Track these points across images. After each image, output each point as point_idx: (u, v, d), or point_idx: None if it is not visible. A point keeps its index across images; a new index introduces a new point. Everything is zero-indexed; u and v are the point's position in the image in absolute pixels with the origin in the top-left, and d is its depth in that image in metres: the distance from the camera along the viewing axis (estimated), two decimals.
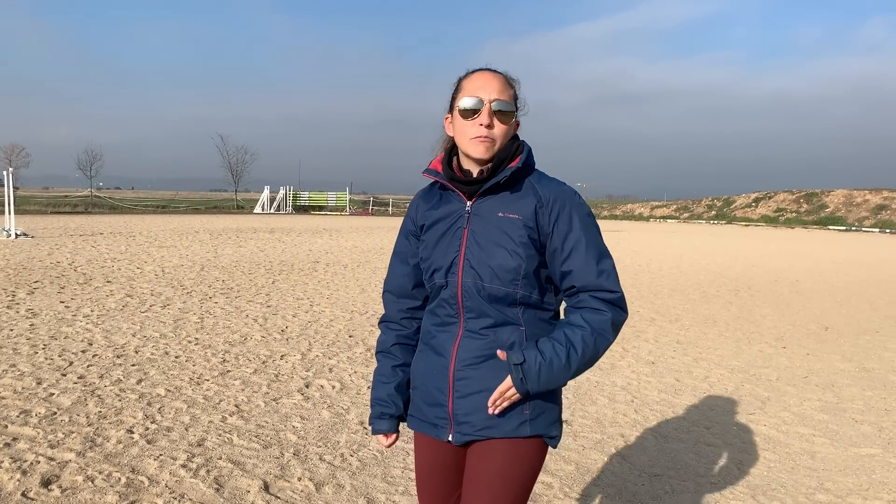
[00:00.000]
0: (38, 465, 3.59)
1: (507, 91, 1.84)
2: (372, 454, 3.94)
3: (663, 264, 16.64)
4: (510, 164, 1.84)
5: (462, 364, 1.84)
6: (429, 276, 1.92)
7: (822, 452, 4.29)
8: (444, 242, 1.89)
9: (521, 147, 1.88)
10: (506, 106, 1.82)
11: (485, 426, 1.83)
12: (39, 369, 5.41)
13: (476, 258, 1.82)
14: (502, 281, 1.79)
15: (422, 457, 2.02)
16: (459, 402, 1.85)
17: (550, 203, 1.81)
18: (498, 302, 1.81)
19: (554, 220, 1.81)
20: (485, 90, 1.82)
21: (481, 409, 1.82)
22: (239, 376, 5.45)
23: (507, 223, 1.81)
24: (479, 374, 1.82)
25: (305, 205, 52.86)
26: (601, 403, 5.11)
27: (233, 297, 9.43)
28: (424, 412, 1.94)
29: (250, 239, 20.81)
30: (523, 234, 1.80)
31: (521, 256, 1.79)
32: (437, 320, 1.91)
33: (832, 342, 7.77)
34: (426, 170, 1.96)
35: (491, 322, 1.83)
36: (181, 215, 40.04)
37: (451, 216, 1.89)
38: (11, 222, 18.79)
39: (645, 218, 62.54)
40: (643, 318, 8.88)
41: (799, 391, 5.66)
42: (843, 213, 51.85)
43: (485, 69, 1.88)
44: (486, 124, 1.80)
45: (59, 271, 11.61)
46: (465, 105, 1.82)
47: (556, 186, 1.85)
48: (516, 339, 1.82)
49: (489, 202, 1.85)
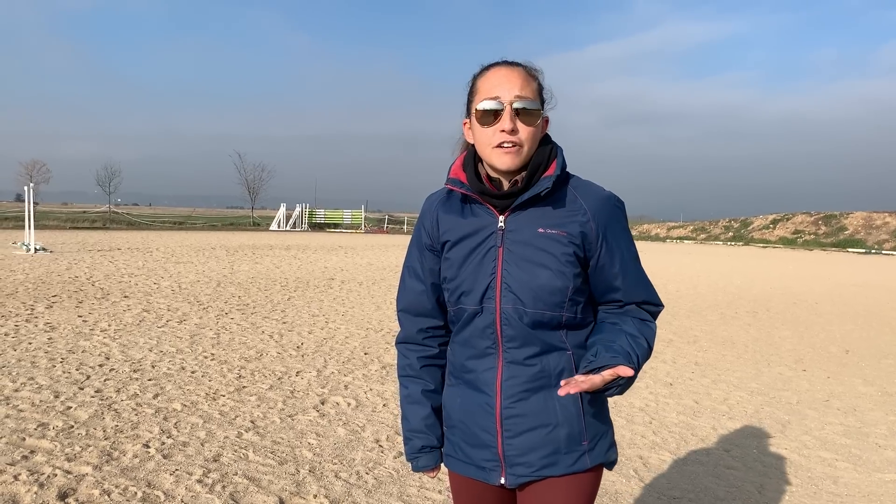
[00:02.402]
0: (56, 478, 3.59)
1: (530, 85, 1.60)
2: (388, 472, 3.91)
3: (680, 285, 16.52)
4: (546, 171, 1.63)
5: (510, 400, 1.66)
6: (456, 299, 1.71)
7: (844, 477, 4.21)
8: (472, 263, 1.67)
9: (555, 150, 1.66)
10: (530, 104, 1.58)
11: (543, 465, 1.66)
12: (57, 383, 5.44)
13: (516, 281, 1.62)
14: (547, 304, 1.61)
15: (463, 499, 1.83)
16: (511, 442, 1.67)
17: (597, 215, 1.63)
18: (542, 327, 1.63)
19: (602, 232, 1.63)
20: (503, 88, 1.57)
21: (538, 447, 1.65)
22: (255, 392, 5.44)
23: (548, 240, 1.61)
24: (530, 408, 1.65)
25: (321, 222, 53.09)
26: (619, 424, 5.05)
27: (249, 314, 9.45)
28: (468, 454, 1.74)
29: (266, 256, 20.91)
30: (569, 252, 1.61)
31: (567, 276, 1.61)
32: (472, 352, 1.71)
33: (853, 365, 7.66)
34: (448, 180, 1.71)
35: (536, 350, 1.64)
36: (198, 232, 40.33)
37: (481, 233, 1.67)
38: (31, 237, 19.01)
39: (661, 239, 62.23)
40: (661, 340, 8.80)
41: (820, 415, 5.57)
42: (862, 236, 51.33)
43: (501, 63, 1.63)
44: (510, 129, 1.56)
45: (77, 286, 11.71)
46: (483, 108, 1.58)
47: (598, 195, 1.66)
48: (565, 364, 1.65)
49: (526, 216, 1.64)
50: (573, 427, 1.66)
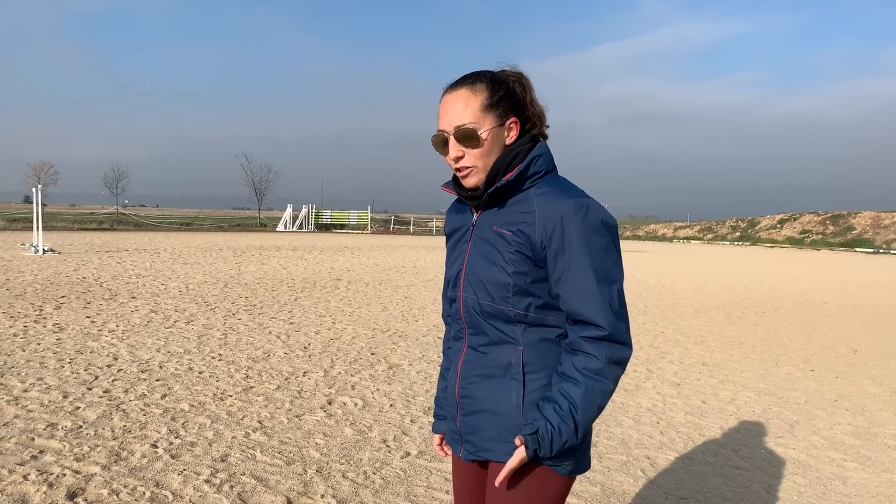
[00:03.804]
0: (65, 478, 3.61)
1: (468, 108, 1.67)
2: (395, 472, 3.92)
3: (687, 285, 16.48)
4: (506, 175, 1.70)
5: (465, 381, 1.80)
6: (444, 285, 1.90)
7: (853, 478, 4.19)
8: (454, 255, 1.87)
9: (521, 155, 1.72)
10: (466, 132, 1.66)
11: (482, 448, 1.77)
12: (66, 383, 5.46)
13: (473, 273, 1.75)
14: (494, 297, 1.70)
15: (453, 471, 1.99)
16: (464, 420, 1.81)
17: (544, 220, 1.64)
18: (494, 318, 1.73)
19: (547, 238, 1.64)
20: (444, 119, 1.70)
21: (482, 430, 1.76)
22: (262, 392, 5.46)
23: (498, 238, 1.71)
24: (480, 392, 1.77)
25: (328, 223, 53.19)
26: (626, 425, 5.05)
27: (256, 314, 9.47)
28: (449, 426, 1.92)
29: (273, 256, 20.95)
30: (512, 250, 1.68)
31: (508, 273, 1.68)
32: (452, 334, 1.90)
33: (862, 365, 7.62)
34: (445, 183, 1.89)
35: (488, 339, 1.75)
36: (205, 233, 40.44)
37: (462, 228, 1.86)
38: (39, 238, 19.10)
39: (668, 239, 62.09)
40: (668, 340, 8.78)
41: (829, 415, 5.55)
42: (870, 235, 51.08)
43: (446, 90, 1.73)
44: (454, 157, 1.70)
45: (85, 287, 11.76)
46: (434, 141, 1.74)
47: (556, 199, 1.65)
48: (513, 359, 1.72)
49: (489, 215, 1.77)
50: (510, 420, 1.72)
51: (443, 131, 1.70)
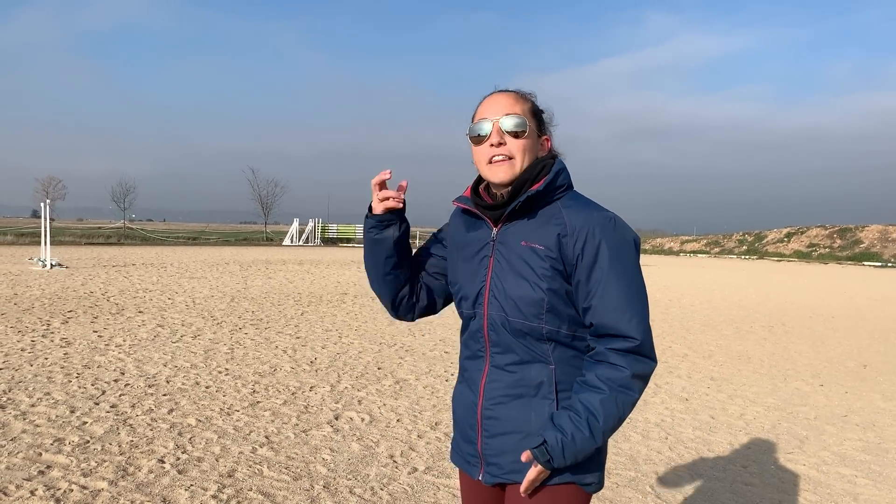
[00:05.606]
0: (72, 493, 3.60)
1: (518, 106, 1.73)
2: (402, 488, 3.90)
3: (695, 299, 16.42)
4: (533, 186, 1.70)
5: (490, 402, 1.75)
6: (457, 302, 1.85)
7: (864, 494, 4.15)
8: (469, 269, 1.80)
9: (548, 167, 1.74)
10: (516, 119, 1.69)
11: (511, 470, 1.72)
12: (73, 398, 5.46)
13: (500, 290, 1.71)
14: (526, 315, 1.67)
15: (463, 493, 1.95)
16: (488, 442, 1.76)
17: (576, 232, 1.65)
18: (524, 337, 1.69)
19: (580, 250, 1.64)
20: (491, 110, 1.72)
21: (509, 451, 1.72)
22: (269, 407, 5.45)
23: (529, 253, 1.68)
24: (507, 413, 1.72)
25: (334, 237, 53.25)
26: (634, 440, 5.02)
27: (262, 328, 9.48)
28: (461, 448, 1.87)
29: (279, 271, 20.98)
30: (546, 266, 1.66)
31: (542, 290, 1.66)
32: (469, 353, 1.83)
33: (871, 380, 7.57)
34: (457, 198, 1.88)
35: (517, 358, 1.71)
36: (211, 247, 40.54)
37: (478, 243, 1.80)
38: (47, 253, 19.18)
39: (675, 252, 61.94)
40: (675, 354, 8.74)
41: (839, 430, 5.50)
42: (878, 249, 50.86)
43: (494, 91, 1.78)
44: (496, 142, 1.69)
45: (92, 301, 11.79)
46: (474, 130, 1.73)
47: (585, 212, 1.68)
48: (545, 378, 1.70)
49: (514, 229, 1.73)
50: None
51: (486, 118, 1.72)
